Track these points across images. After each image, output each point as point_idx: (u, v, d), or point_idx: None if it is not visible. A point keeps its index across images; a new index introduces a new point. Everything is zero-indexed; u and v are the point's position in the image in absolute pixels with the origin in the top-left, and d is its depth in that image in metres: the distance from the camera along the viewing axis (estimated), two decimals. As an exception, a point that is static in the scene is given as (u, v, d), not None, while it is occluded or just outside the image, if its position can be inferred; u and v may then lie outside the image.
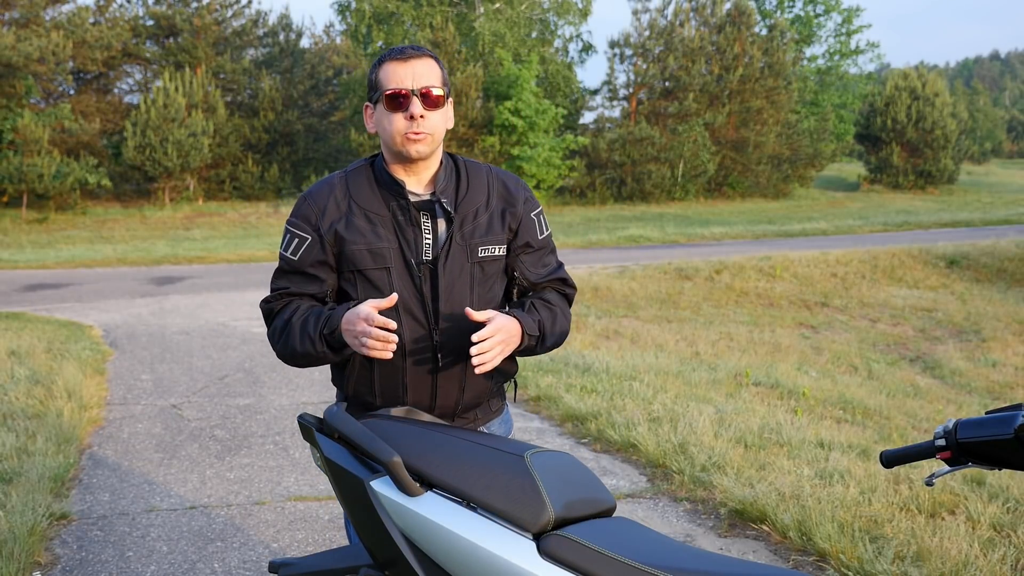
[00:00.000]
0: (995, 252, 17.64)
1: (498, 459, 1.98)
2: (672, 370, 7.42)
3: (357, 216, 2.20)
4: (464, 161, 2.30)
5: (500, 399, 2.42)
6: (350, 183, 2.25)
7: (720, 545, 3.87)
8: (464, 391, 2.25)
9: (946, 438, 1.88)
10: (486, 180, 2.28)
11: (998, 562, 3.39)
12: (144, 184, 30.14)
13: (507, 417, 2.46)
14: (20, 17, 28.45)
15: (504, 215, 2.26)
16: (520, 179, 2.36)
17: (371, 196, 2.22)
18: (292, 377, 7.20)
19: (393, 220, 2.20)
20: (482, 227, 2.22)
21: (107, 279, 14.84)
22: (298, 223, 2.24)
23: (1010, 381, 10.13)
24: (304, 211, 2.25)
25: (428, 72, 2.17)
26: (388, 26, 32.74)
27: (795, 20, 44.19)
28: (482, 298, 2.22)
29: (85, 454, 5.20)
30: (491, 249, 2.23)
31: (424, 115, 2.15)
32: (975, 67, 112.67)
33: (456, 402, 2.25)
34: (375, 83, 2.21)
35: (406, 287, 2.18)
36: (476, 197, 2.25)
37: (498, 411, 2.40)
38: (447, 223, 2.20)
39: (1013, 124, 75.83)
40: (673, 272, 14.94)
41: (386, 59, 2.20)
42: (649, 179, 33.26)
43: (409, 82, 2.15)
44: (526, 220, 2.29)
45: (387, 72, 2.17)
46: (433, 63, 2.19)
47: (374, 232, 2.19)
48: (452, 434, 2.08)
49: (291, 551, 3.86)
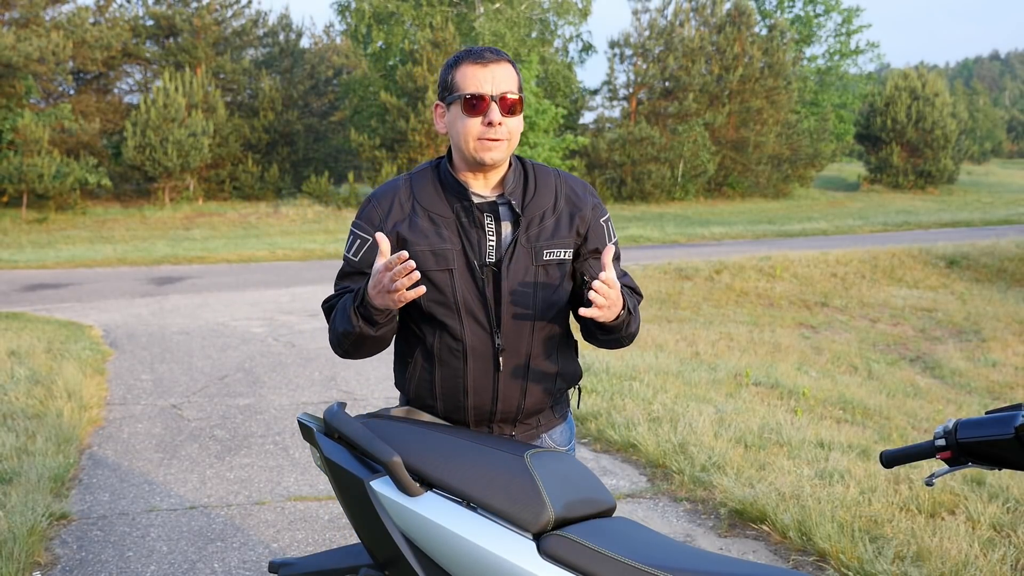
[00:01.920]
0: (995, 252, 17.65)
1: (498, 459, 1.98)
2: (672, 370, 7.42)
3: (421, 217, 2.19)
4: (532, 164, 2.28)
5: (564, 405, 2.38)
6: (414, 185, 2.24)
7: (720, 545, 3.87)
8: (526, 396, 2.22)
9: (946, 438, 1.88)
10: (554, 183, 2.26)
11: (998, 562, 3.39)
12: (144, 184, 30.13)
13: (570, 424, 2.42)
14: (20, 17, 28.43)
15: (572, 219, 2.23)
16: (589, 185, 2.33)
17: (435, 197, 2.20)
18: (292, 377, 7.20)
19: (457, 222, 2.17)
20: (548, 230, 2.20)
21: (107, 279, 14.84)
22: (362, 224, 2.23)
23: (1010, 381, 10.13)
24: (369, 213, 2.23)
25: (506, 77, 2.15)
26: (388, 26, 32.72)
27: (795, 20, 44.19)
28: (546, 301, 2.19)
29: (85, 454, 5.19)
30: (557, 252, 2.20)
31: (502, 121, 2.13)
32: (975, 67, 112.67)
33: (518, 407, 2.23)
34: (451, 84, 2.17)
35: (468, 289, 2.16)
36: (543, 200, 2.22)
37: (562, 418, 2.37)
38: (513, 225, 2.18)
39: (1013, 124, 75.86)
40: (673, 272, 14.94)
41: (464, 60, 2.16)
42: (649, 179, 33.26)
43: (489, 87, 2.12)
44: (595, 225, 2.26)
45: (465, 74, 2.14)
46: (511, 68, 2.18)
47: (437, 233, 2.17)
48: (452, 434, 2.08)
49: (291, 551, 3.86)
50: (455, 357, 2.18)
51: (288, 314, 10.52)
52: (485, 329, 2.16)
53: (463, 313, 2.16)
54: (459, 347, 2.17)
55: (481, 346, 2.17)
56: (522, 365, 2.19)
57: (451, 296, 2.15)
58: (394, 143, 30.10)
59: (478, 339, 2.17)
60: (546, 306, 2.19)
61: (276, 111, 33.26)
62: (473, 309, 2.16)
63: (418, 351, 2.24)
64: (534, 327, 2.18)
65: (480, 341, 2.17)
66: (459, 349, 2.17)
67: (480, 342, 2.17)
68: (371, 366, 7.34)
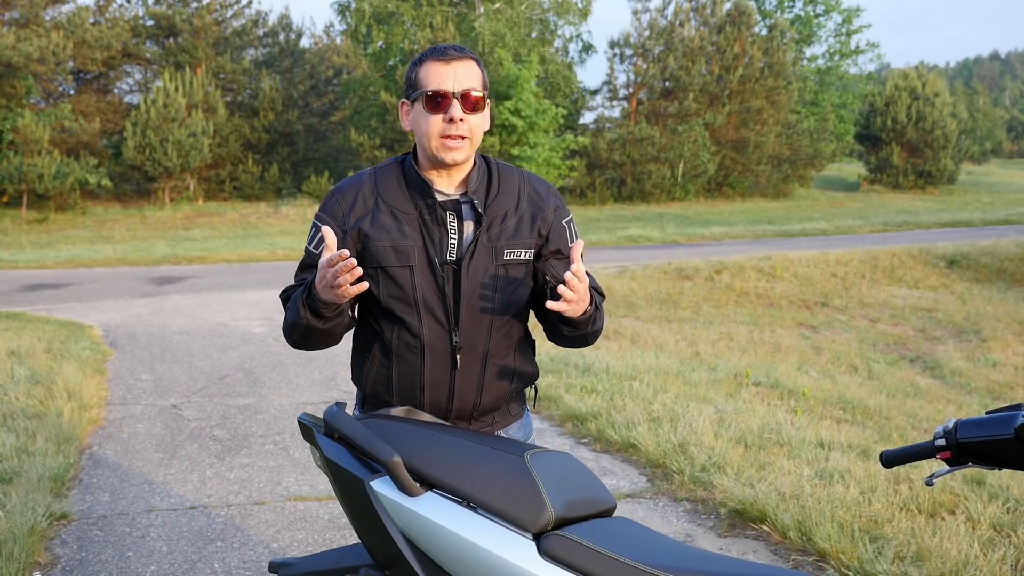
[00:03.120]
0: (995, 252, 17.65)
1: (498, 459, 1.98)
2: (672, 370, 7.42)
3: (383, 213, 2.20)
4: (496, 163, 2.29)
5: (519, 404, 2.40)
6: (379, 180, 2.25)
7: (720, 545, 3.87)
8: (482, 393, 2.24)
9: (946, 438, 1.88)
10: (517, 184, 2.27)
11: (998, 562, 3.39)
12: (144, 184, 30.14)
13: (527, 422, 2.43)
14: (20, 17, 28.44)
15: (534, 220, 2.24)
16: (552, 186, 2.34)
17: (399, 193, 2.21)
18: (292, 377, 7.20)
19: (419, 218, 2.19)
20: (509, 230, 2.21)
21: (107, 279, 14.83)
22: (324, 218, 2.24)
23: (1010, 381, 10.13)
24: (331, 206, 2.24)
25: (469, 74, 2.15)
26: (388, 26, 32.71)
27: (795, 20, 44.20)
28: (505, 300, 2.20)
29: (85, 454, 5.19)
30: (517, 252, 2.21)
31: (464, 118, 2.13)
32: (975, 67, 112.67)
33: (474, 404, 2.24)
34: (414, 81, 2.18)
35: (428, 286, 2.17)
36: (506, 200, 2.23)
37: (517, 415, 2.38)
38: (475, 224, 2.19)
39: (1013, 124, 75.87)
40: (673, 272, 14.94)
41: (427, 58, 2.17)
42: (649, 179, 33.26)
43: (450, 83, 2.13)
44: (557, 226, 2.27)
45: (428, 71, 2.15)
46: (474, 65, 2.18)
47: (399, 230, 2.18)
48: (452, 434, 2.08)
49: (291, 551, 3.86)
50: (412, 353, 2.19)
51: (288, 314, 10.51)
52: (443, 326, 2.18)
53: (422, 310, 2.17)
54: (417, 343, 2.18)
55: (439, 343, 2.18)
56: (479, 363, 2.21)
57: (411, 293, 2.16)
58: (394, 143, 30.12)
59: (436, 336, 2.18)
60: (505, 305, 2.20)
61: (276, 111, 33.27)
62: (432, 306, 2.17)
63: (376, 346, 2.25)
64: (492, 326, 2.19)
65: (438, 338, 2.18)
66: (417, 346, 2.18)
67: (438, 339, 2.18)
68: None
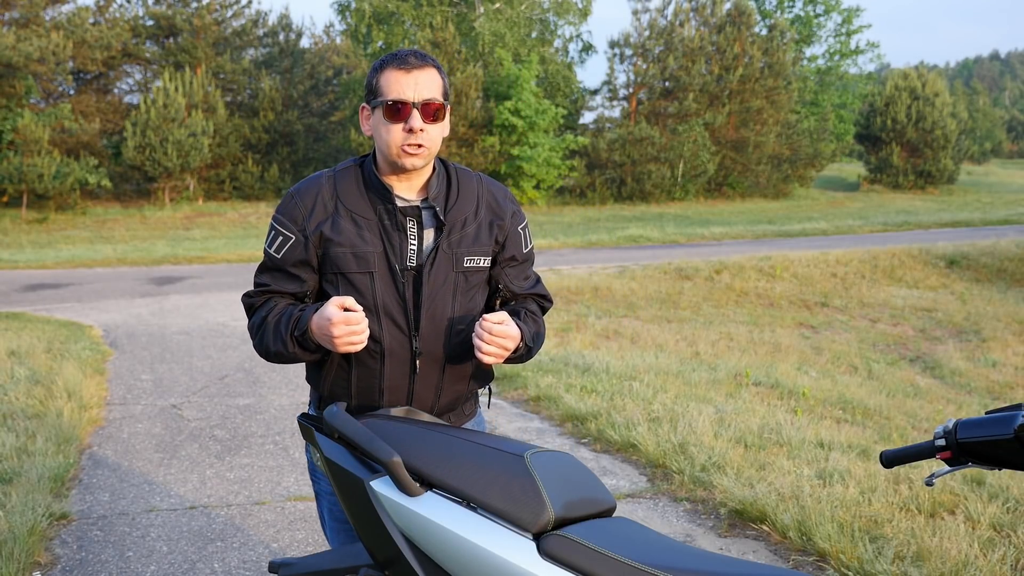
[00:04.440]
0: (995, 252, 17.65)
1: (498, 459, 1.97)
2: (672, 370, 7.42)
3: (343, 218, 2.18)
4: (456, 168, 2.28)
5: (473, 403, 2.43)
6: (338, 183, 2.22)
7: (720, 545, 3.87)
8: (440, 396, 2.26)
9: (946, 438, 1.88)
10: (476, 190, 2.27)
11: (998, 562, 3.39)
12: (144, 184, 30.15)
13: (479, 420, 2.46)
14: (20, 17, 28.45)
15: (492, 227, 2.25)
16: (508, 191, 2.35)
17: (358, 198, 2.20)
18: (292, 377, 7.20)
19: (379, 224, 2.17)
20: (469, 237, 2.21)
21: (107, 279, 14.83)
22: (284, 221, 2.22)
23: (1010, 381, 10.13)
24: (290, 209, 2.22)
25: (430, 83, 2.14)
26: (388, 26, 32.73)
27: (795, 20, 44.21)
28: (463, 307, 2.22)
29: (85, 454, 5.19)
30: (477, 260, 2.22)
31: (424, 128, 2.12)
32: (975, 67, 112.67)
33: (431, 406, 2.26)
34: (375, 88, 2.17)
35: (388, 292, 2.17)
36: (465, 206, 2.23)
37: (471, 415, 2.41)
38: (436, 231, 2.19)
39: (1013, 124, 75.87)
40: (673, 272, 14.94)
41: (387, 65, 2.15)
42: (649, 179, 33.26)
43: (411, 93, 2.11)
44: (513, 233, 2.29)
45: (388, 80, 2.13)
46: (435, 73, 2.16)
47: (359, 235, 2.17)
48: (452, 434, 2.08)
49: (291, 551, 3.86)
50: (372, 358, 2.19)
51: (288, 314, 10.51)
52: (404, 332, 2.18)
53: (382, 316, 2.17)
54: (377, 349, 2.18)
55: (399, 349, 2.18)
56: (438, 368, 2.22)
57: (371, 299, 2.16)
58: (394, 143, 30.06)
59: (396, 342, 2.18)
60: (463, 311, 2.22)
61: (276, 111, 33.27)
62: (392, 312, 2.17)
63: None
64: (451, 331, 2.20)
65: (398, 344, 2.18)
66: (377, 351, 2.18)
67: (398, 345, 2.18)
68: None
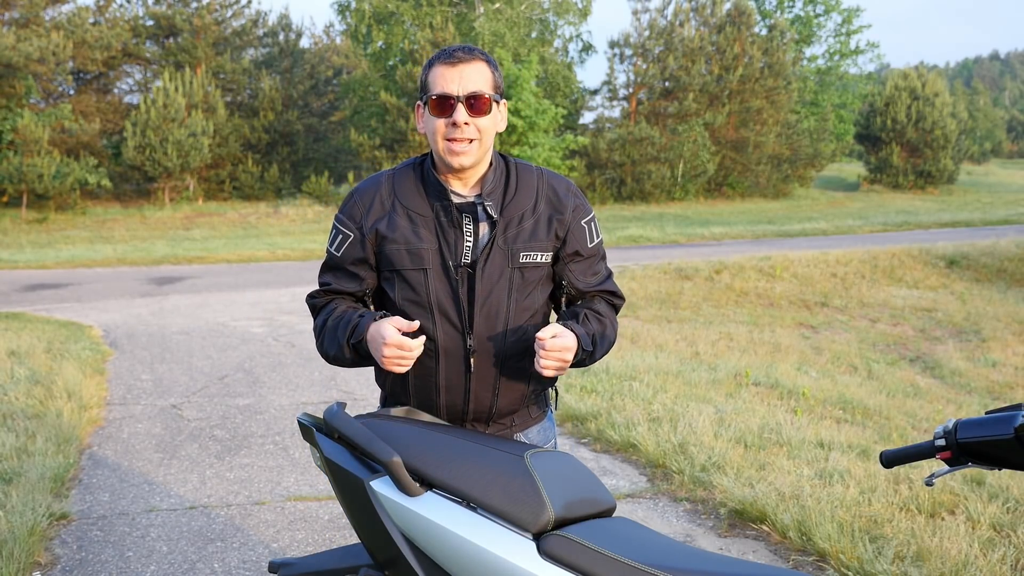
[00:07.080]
0: (995, 252, 17.65)
1: (498, 459, 1.97)
2: (672, 370, 7.42)
3: (400, 215, 2.19)
4: (516, 162, 2.26)
5: (540, 407, 2.37)
6: (396, 181, 2.23)
7: (720, 545, 3.87)
8: (498, 396, 2.22)
9: (946, 438, 1.88)
10: (535, 184, 2.23)
11: (998, 562, 3.39)
12: (144, 184, 30.13)
13: (549, 425, 2.40)
14: (20, 17, 28.44)
15: (551, 222, 2.21)
16: (572, 184, 2.30)
17: (415, 195, 2.20)
18: (292, 377, 7.20)
19: (435, 221, 2.17)
20: (526, 232, 2.18)
21: (107, 279, 14.83)
22: (344, 220, 2.24)
23: (1010, 381, 10.13)
24: (350, 208, 2.24)
25: (477, 77, 2.13)
26: (388, 26, 32.70)
27: (795, 20, 44.20)
28: (519, 304, 2.19)
29: (85, 454, 5.19)
30: (534, 256, 2.19)
31: (469, 121, 2.11)
32: (975, 67, 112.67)
33: (490, 407, 2.23)
34: (424, 85, 2.18)
35: (442, 289, 2.16)
36: (523, 201, 2.20)
37: (538, 418, 2.35)
38: (490, 226, 2.17)
39: (1013, 124, 75.88)
40: (673, 272, 14.94)
41: (436, 61, 2.16)
42: (649, 179, 33.26)
43: (455, 87, 2.11)
44: (575, 228, 2.24)
45: (435, 75, 2.14)
46: (484, 66, 2.15)
47: (414, 232, 2.17)
48: (452, 434, 2.08)
49: (291, 551, 3.86)
50: (428, 356, 2.18)
51: (288, 314, 10.52)
52: (457, 330, 2.17)
53: (436, 313, 2.16)
54: (432, 347, 2.17)
55: (453, 347, 2.18)
56: (494, 366, 2.19)
57: (425, 296, 2.16)
58: (394, 143, 30.11)
59: (450, 340, 2.17)
60: (520, 309, 2.19)
61: (276, 111, 33.26)
62: (446, 309, 2.16)
63: None
64: (507, 329, 2.17)
65: (452, 342, 2.17)
66: (432, 349, 2.17)
67: (452, 343, 2.17)
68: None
